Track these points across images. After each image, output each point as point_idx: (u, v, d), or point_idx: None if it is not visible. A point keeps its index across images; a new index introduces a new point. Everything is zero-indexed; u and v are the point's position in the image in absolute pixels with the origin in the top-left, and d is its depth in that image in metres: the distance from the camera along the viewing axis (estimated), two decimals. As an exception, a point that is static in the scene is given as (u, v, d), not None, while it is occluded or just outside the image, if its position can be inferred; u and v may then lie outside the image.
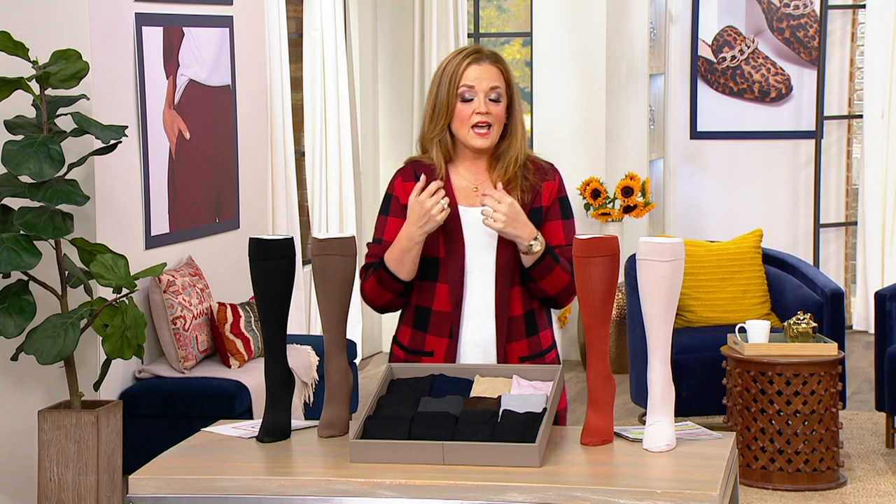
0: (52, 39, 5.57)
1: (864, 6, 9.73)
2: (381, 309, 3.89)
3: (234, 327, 6.17)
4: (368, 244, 3.91)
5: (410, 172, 3.88)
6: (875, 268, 9.69)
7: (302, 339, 6.74)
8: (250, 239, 3.70)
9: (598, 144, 9.01)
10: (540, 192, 3.84)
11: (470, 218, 3.82)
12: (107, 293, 5.51)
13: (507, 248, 3.79)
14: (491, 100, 3.77)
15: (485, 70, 3.78)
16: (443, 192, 3.73)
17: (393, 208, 3.88)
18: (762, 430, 6.27)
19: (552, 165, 3.91)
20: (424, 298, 3.84)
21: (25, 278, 5.40)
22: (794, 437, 6.24)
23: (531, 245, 3.74)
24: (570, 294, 3.84)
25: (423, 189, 3.74)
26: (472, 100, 3.77)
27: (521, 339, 3.84)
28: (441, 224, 3.74)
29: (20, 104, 5.52)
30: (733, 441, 3.63)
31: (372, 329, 9.35)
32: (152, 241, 6.06)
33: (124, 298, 5.30)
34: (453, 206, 3.82)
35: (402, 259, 3.78)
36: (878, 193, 9.65)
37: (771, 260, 7.47)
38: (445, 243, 3.80)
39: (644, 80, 9.31)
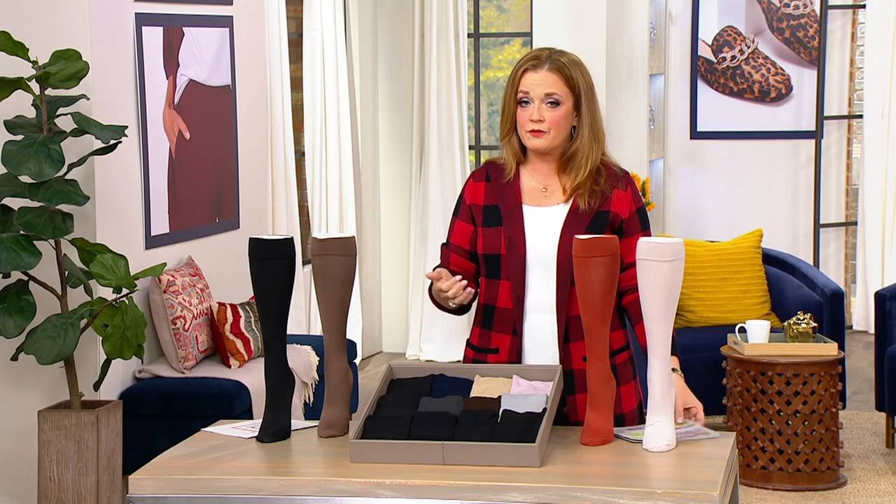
0: (52, 39, 5.57)
1: (864, 6, 9.73)
2: (444, 311, 3.96)
3: (234, 327, 6.17)
4: (442, 245, 3.98)
5: (483, 174, 3.93)
6: (875, 268, 9.69)
7: (302, 339, 6.75)
8: (250, 239, 3.70)
9: (598, 144, 8.99)
10: (609, 197, 3.84)
11: (532, 216, 3.84)
12: (107, 293, 5.51)
13: (567, 248, 3.78)
14: (549, 104, 3.79)
15: (541, 77, 3.79)
16: (465, 289, 3.75)
17: (461, 211, 3.93)
18: (762, 430, 6.28)
19: (626, 173, 3.90)
20: (490, 296, 3.87)
21: (25, 278, 5.40)
22: (794, 437, 6.24)
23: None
24: None
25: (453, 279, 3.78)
26: (529, 105, 3.81)
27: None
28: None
29: (20, 104, 5.52)
30: (733, 441, 3.63)
31: (372, 329, 9.35)
32: (152, 241, 6.06)
33: (124, 298, 5.30)
34: (518, 205, 3.85)
35: (440, 300, 3.84)
36: (878, 193, 9.65)
37: (771, 260, 7.47)
38: (507, 241, 3.82)
39: (644, 80, 9.31)
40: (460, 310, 3.92)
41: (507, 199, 3.86)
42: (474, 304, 3.96)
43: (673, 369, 3.78)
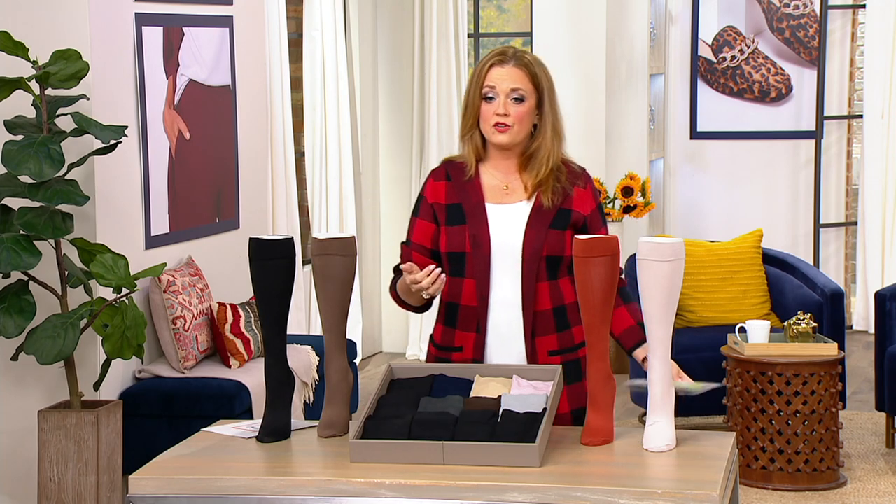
0: (52, 39, 5.56)
1: (864, 6, 9.73)
2: (406, 309, 3.98)
3: (234, 327, 6.17)
4: (402, 243, 4.00)
5: (442, 172, 3.97)
6: (875, 268, 9.69)
7: (302, 339, 6.74)
8: (250, 239, 3.71)
9: (598, 144, 9.01)
10: (570, 195, 3.90)
11: (496, 214, 3.88)
12: (107, 293, 5.51)
13: (531, 244, 3.84)
14: (514, 100, 3.83)
15: (507, 72, 3.84)
16: (439, 277, 3.76)
17: (422, 210, 3.97)
18: (762, 430, 6.27)
19: (584, 170, 3.96)
20: (453, 294, 3.90)
21: (25, 278, 5.40)
22: (794, 437, 6.24)
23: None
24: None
25: (427, 272, 3.80)
26: (494, 100, 3.84)
27: (549, 333, 3.87)
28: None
29: (20, 104, 5.52)
30: (733, 441, 3.63)
31: (372, 329, 9.35)
32: (152, 241, 6.06)
33: (124, 298, 5.30)
34: (481, 203, 3.88)
35: (408, 297, 3.88)
36: (878, 193, 9.65)
37: (771, 260, 7.47)
38: (471, 239, 3.86)
39: (644, 80, 9.31)
40: (422, 307, 3.94)
41: (469, 197, 3.89)
42: (436, 302, 3.99)
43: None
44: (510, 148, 3.88)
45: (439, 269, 3.77)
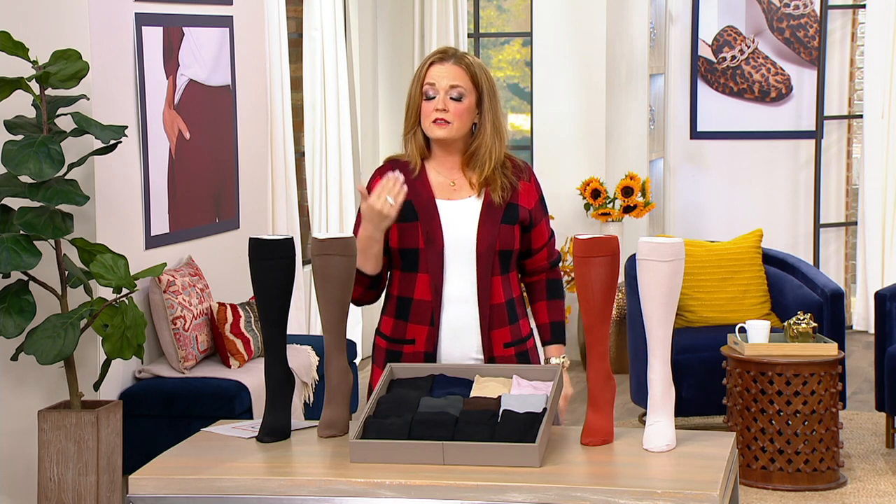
0: (52, 39, 5.57)
1: (864, 6, 9.73)
2: (356, 302, 4.00)
3: (234, 327, 6.17)
4: None
5: (388, 170, 4.00)
6: (875, 268, 9.69)
7: (302, 339, 6.75)
8: (250, 239, 3.71)
9: (598, 144, 9.01)
10: (517, 189, 3.99)
11: (447, 210, 3.96)
12: (107, 293, 5.51)
13: (486, 239, 3.93)
14: (452, 98, 3.93)
15: (446, 69, 3.94)
16: (400, 183, 3.81)
17: None
18: (762, 430, 6.28)
19: (527, 164, 4.07)
20: (406, 289, 3.96)
21: (25, 278, 5.40)
22: (794, 437, 6.24)
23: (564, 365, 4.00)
24: None
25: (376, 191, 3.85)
26: (434, 97, 3.94)
27: (503, 326, 3.97)
28: (394, 219, 3.84)
29: (20, 104, 5.52)
30: (733, 441, 3.63)
31: (372, 329, 9.34)
32: (152, 241, 6.07)
33: (124, 298, 5.30)
34: (431, 199, 3.95)
35: (365, 256, 3.89)
36: (878, 193, 9.65)
37: (771, 260, 7.47)
38: (424, 235, 3.93)
39: (644, 80, 9.31)
40: (371, 288, 3.95)
41: (419, 193, 3.96)
42: (382, 294, 4.06)
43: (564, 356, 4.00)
44: (450, 144, 3.97)
45: (397, 173, 3.82)
